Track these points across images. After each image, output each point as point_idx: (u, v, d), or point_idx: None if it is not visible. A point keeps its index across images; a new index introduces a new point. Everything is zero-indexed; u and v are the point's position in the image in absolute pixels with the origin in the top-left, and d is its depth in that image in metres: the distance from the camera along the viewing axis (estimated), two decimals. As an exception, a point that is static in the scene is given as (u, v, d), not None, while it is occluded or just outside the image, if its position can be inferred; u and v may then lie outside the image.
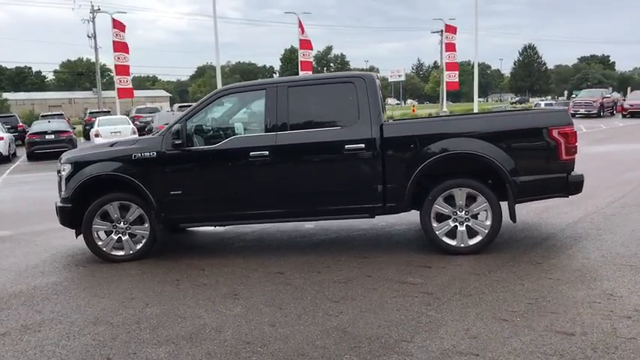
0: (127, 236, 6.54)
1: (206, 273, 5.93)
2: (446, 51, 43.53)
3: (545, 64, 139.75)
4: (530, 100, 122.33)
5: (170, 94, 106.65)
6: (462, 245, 6.06)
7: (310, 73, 36.78)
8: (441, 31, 72.53)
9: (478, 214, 6.06)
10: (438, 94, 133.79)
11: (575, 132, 5.97)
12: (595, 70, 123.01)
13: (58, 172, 6.80)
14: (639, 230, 6.71)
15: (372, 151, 6.07)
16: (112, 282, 5.80)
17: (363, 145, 6.08)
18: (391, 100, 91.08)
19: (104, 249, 6.52)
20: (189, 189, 6.37)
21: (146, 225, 6.50)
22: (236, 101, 6.72)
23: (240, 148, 6.28)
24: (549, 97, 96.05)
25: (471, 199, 6.03)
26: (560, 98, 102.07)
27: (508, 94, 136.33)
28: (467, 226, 6.06)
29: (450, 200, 6.06)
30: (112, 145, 6.91)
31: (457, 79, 45.12)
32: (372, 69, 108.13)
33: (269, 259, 6.33)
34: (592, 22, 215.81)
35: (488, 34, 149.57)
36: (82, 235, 6.55)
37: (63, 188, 6.63)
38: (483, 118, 6.76)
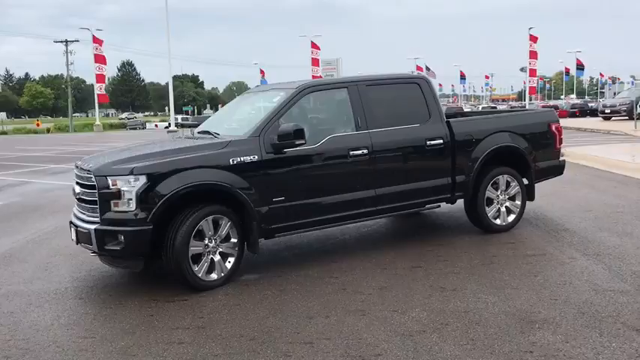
0: (219, 256, 5.53)
1: (314, 274, 5.73)
2: (95, 62, 41.65)
3: (143, 80, 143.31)
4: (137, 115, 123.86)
5: None
6: (504, 224, 7.19)
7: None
8: (68, 41, 68.30)
9: (512, 196, 7.26)
10: (35, 107, 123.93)
11: (561, 127, 7.78)
12: (188, 89, 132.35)
13: (105, 188, 5.21)
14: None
15: (446, 146, 6.67)
16: (226, 295, 5.25)
17: (441, 141, 6.62)
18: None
19: (199, 275, 5.37)
20: (292, 194, 5.80)
21: (233, 241, 5.62)
22: (320, 98, 6.34)
23: (340, 148, 6.05)
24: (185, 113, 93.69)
25: (507, 184, 7.20)
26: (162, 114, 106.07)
27: (109, 109, 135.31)
28: (506, 206, 7.21)
29: (493, 186, 7.10)
30: (174, 149, 5.67)
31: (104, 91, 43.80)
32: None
33: (351, 258, 6.28)
34: (183, 43, 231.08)
35: (73, 47, 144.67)
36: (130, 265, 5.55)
37: (132, 206, 5.15)
38: (515, 115, 8.00)
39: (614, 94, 69.86)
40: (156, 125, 64.31)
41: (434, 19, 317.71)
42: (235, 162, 5.48)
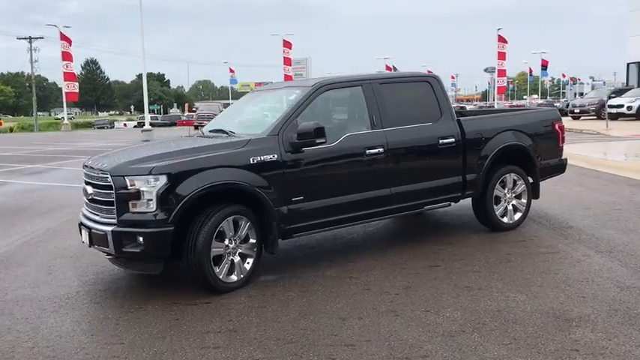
0: (239, 257, 5.42)
1: (332, 274, 5.65)
2: (63, 60, 40.65)
3: (108, 78, 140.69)
4: (100, 114, 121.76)
5: None
6: (511, 222, 7.23)
7: None
8: (32, 38, 66.46)
9: (519, 194, 7.30)
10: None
11: (564, 125, 7.86)
12: (154, 87, 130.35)
13: (123, 188, 5.04)
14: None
15: (458, 144, 6.67)
16: (249, 297, 5.15)
17: (453, 140, 6.62)
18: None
19: (220, 276, 5.25)
20: (310, 194, 5.73)
21: (252, 241, 5.51)
22: (335, 96, 6.26)
23: (357, 147, 5.99)
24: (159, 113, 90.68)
25: (513, 183, 7.24)
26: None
27: (73, 108, 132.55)
28: (512, 205, 7.25)
29: (501, 184, 7.13)
30: (192, 147, 5.54)
31: (77, 90, 42.89)
32: None
33: (366, 258, 6.21)
34: (148, 41, 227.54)
35: (36, 45, 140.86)
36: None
37: (152, 207, 5.00)
38: (520, 114, 8.03)
39: (575, 94, 71.41)
40: (124, 124, 63.21)
41: (401, 20, 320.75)
42: (255, 161, 5.37)
